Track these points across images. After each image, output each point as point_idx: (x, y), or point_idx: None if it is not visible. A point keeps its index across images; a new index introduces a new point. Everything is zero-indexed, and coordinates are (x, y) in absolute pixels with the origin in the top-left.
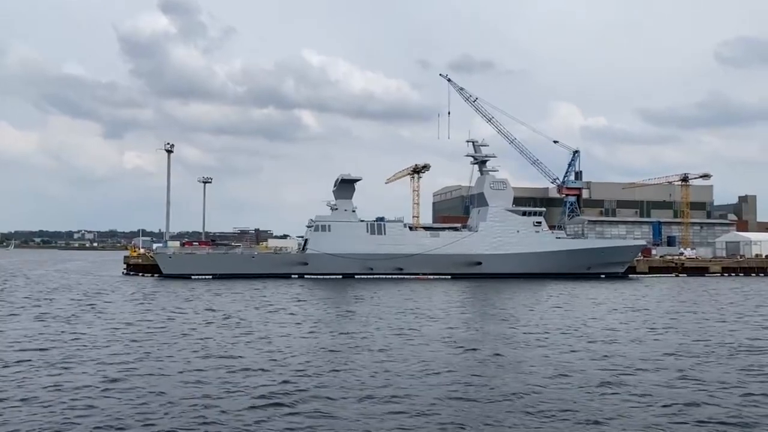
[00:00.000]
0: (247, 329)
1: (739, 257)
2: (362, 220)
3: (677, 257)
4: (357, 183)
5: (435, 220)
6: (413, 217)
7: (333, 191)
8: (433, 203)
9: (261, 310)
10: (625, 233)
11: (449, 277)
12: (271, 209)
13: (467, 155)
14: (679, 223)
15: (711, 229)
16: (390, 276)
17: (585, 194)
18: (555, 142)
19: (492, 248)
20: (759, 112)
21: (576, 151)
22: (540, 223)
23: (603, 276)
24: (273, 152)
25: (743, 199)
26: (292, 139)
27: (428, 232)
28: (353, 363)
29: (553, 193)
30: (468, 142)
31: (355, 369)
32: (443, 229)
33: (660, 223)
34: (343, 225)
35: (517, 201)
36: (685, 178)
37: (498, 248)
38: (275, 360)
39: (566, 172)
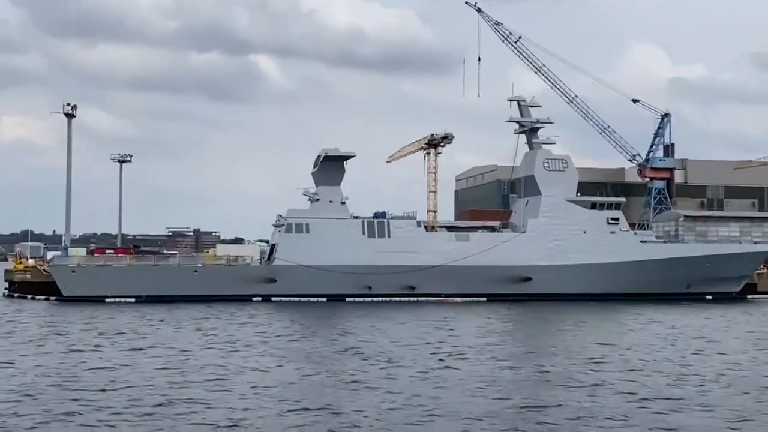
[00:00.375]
0: (197, 379)
1: None
2: (356, 217)
3: None
4: (348, 162)
5: (458, 216)
6: (429, 212)
7: (312, 174)
8: (456, 192)
9: (215, 349)
10: (739, 234)
11: (484, 299)
12: (217, 202)
13: (509, 120)
14: None
15: None
16: (397, 299)
17: (678, 177)
18: (634, 101)
19: (547, 257)
20: None
21: (665, 115)
22: (617, 220)
23: (710, 298)
24: (220, 117)
25: None
26: (246, 97)
27: (453, 234)
28: (361, 427)
29: (632, 176)
30: (511, 101)
31: None
32: (474, 229)
33: None
34: (328, 224)
35: (581, 188)
36: None
37: (555, 257)
38: (246, 423)
39: (651, 146)
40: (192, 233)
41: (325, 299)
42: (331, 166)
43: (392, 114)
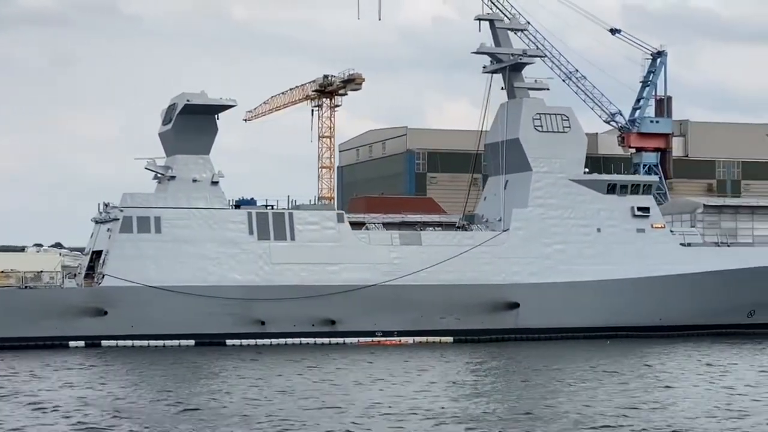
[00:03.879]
0: None
1: None
2: (238, 206)
3: None
4: (222, 115)
5: (348, 206)
6: (321, 199)
7: (161, 135)
8: (339, 168)
9: None
10: None
11: (450, 339)
12: None
13: (479, 51)
14: None
15: None
16: (308, 340)
17: (676, 147)
18: (613, 32)
19: (542, 270)
20: None
21: (658, 54)
22: (647, 211)
23: None
24: None
25: None
26: None
27: (395, 234)
28: None
29: (609, 146)
30: (480, 20)
31: None
32: (424, 226)
33: None
34: (192, 218)
35: None
36: None
37: (555, 270)
38: None
39: (638, 101)
40: None
41: (192, 342)
42: (194, 123)
43: (255, 48)
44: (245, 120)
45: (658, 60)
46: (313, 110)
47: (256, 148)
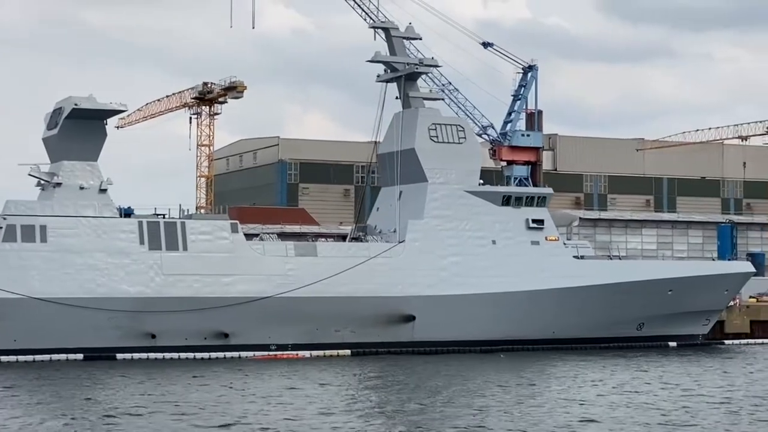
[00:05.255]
0: None
1: None
2: (128, 214)
3: None
4: (109, 121)
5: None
6: (199, 208)
7: (45, 140)
8: (214, 177)
9: None
10: (656, 246)
11: (348, 353)
12: None
13: (374, 60)
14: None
15: None
16: (201, 355)
17: (546, 161)
18: (485, 45)
19: (438, 282)
20: None
21: (529, 68)
22: (542, 223)
23: (674, 345)
24: None
25: None
26: None
27: (290, 244)
28: None
29: (481, 159)
30: (375, 28)
31: None
32: (316, 237)
33: (734, 225)
34: (80, 226)
35: None
36: None
37: (451, 283)
38: None
39: (509, 114)
40: None
41: (80, 356)
42: (82, 128)
43: (131, 52)
44: (117, 127)
45: (529, 74)
46: (191, 118)
47: (128, 156)
